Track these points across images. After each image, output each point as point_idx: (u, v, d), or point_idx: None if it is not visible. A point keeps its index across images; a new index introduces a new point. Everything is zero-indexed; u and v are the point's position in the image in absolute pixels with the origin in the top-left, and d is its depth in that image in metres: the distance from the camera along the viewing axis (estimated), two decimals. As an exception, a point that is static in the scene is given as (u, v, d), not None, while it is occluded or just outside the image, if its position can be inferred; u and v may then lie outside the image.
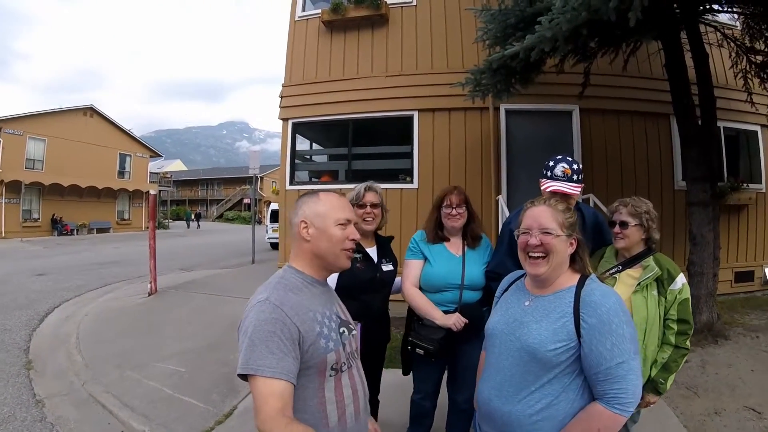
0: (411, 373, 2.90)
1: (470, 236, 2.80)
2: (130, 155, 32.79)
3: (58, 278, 10.38)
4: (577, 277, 1.63)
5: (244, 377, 1.33)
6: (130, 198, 33.30)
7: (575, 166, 2.44)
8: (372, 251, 2.77)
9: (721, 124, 6.87)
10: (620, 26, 3.92)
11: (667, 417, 3.67)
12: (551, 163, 2.48)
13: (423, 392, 2.84)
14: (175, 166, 70.44)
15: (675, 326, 2.32)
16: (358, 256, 2.58)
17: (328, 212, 1.57)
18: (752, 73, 6.63)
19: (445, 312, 2.61)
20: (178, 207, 55.86)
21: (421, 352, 2.59)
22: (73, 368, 4.81)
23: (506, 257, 2.46)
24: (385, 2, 7.87)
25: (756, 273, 8.02)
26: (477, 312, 2.58)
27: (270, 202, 27.14)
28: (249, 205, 49.49)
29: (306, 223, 1.56)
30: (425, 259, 2.77)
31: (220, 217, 54.78)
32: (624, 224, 2.42)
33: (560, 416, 1.49)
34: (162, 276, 9.01)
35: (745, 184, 7.74)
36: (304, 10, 8.49)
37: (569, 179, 2.40)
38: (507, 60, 4.62)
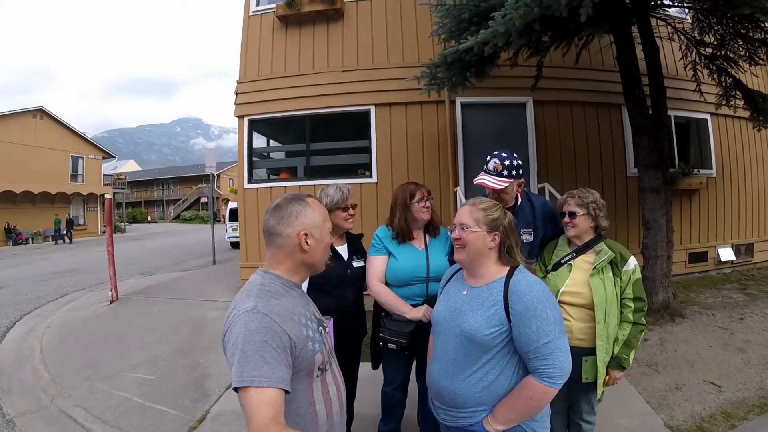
0: (380, 367, 2.94)
1: (432, 228, 2.86)
2: (83, 157, 31.38)
3: (16, 291, 9.93)
4: (506, 269, 1.82)
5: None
6: (84, 202, 32.04)
7: (508, 162, 2.58)
8: (342, 249, 2.82)
9: (672, 113, 7.14)
10: (572, 21, 4.03)
11: (629, 393, 3.81)
12: (488, 158, 2.66)
13: (394, 384, 2.87)
14: (129, 166, 67.83)
15: (632, 304, 2.48)
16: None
17: (325, 222, 1.59)
18: (701, 64, 6.87)
19: (413, 306, 2.65)
20: (134, 209, 54.08)
21: (393, 346, 2.62)
22: (40, 383, 4.66)
23: None
24: (341, -4, 7.79)
25: (709, 254, 8.34)
26: None
27: (228, 200, 26.72)
28: (206, 204, 48.35)
29: (307, 234, 1.53)
30: (389, 254, 2.78)
31: (177, 218, 53.01)
32: (572, 214, 2.56)
33: (501, 391, 1.72)
34: (122, 282, 8.72)
35: (695, 170, 8.05)
36: (258, 5, 8.31)
37: (498, 174, 2.58)
38: (461, 54, 4.67)
